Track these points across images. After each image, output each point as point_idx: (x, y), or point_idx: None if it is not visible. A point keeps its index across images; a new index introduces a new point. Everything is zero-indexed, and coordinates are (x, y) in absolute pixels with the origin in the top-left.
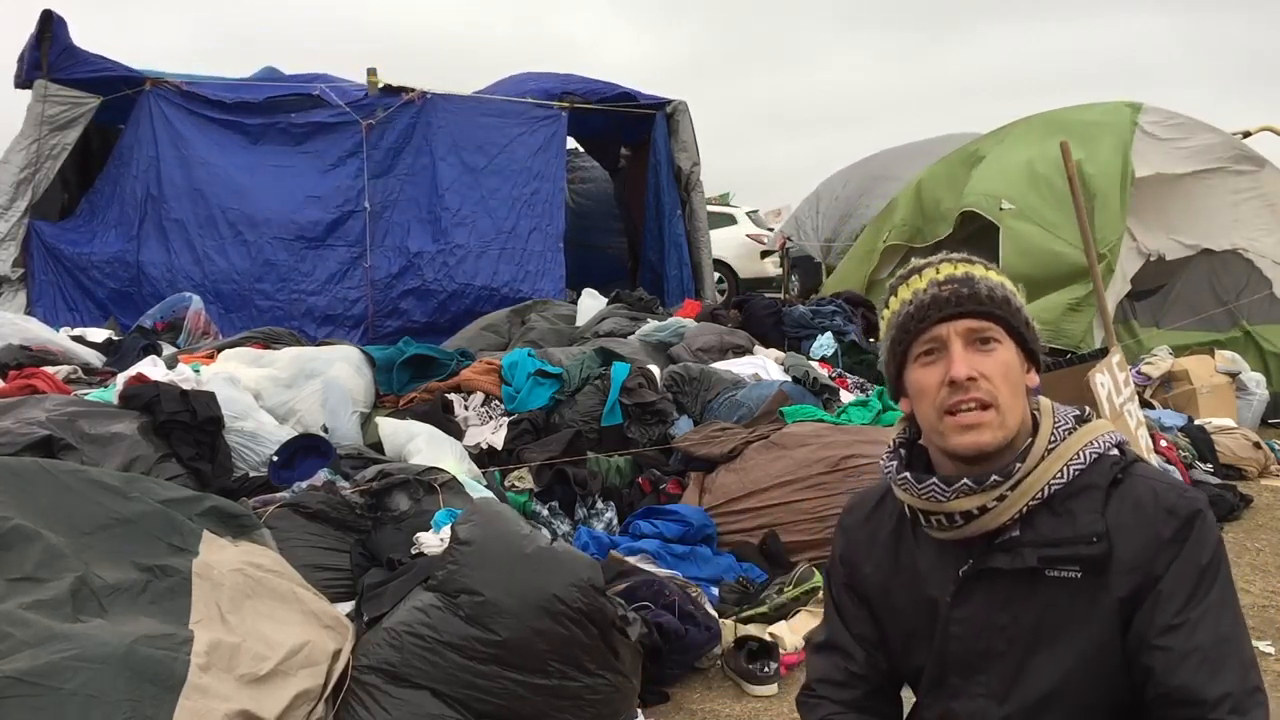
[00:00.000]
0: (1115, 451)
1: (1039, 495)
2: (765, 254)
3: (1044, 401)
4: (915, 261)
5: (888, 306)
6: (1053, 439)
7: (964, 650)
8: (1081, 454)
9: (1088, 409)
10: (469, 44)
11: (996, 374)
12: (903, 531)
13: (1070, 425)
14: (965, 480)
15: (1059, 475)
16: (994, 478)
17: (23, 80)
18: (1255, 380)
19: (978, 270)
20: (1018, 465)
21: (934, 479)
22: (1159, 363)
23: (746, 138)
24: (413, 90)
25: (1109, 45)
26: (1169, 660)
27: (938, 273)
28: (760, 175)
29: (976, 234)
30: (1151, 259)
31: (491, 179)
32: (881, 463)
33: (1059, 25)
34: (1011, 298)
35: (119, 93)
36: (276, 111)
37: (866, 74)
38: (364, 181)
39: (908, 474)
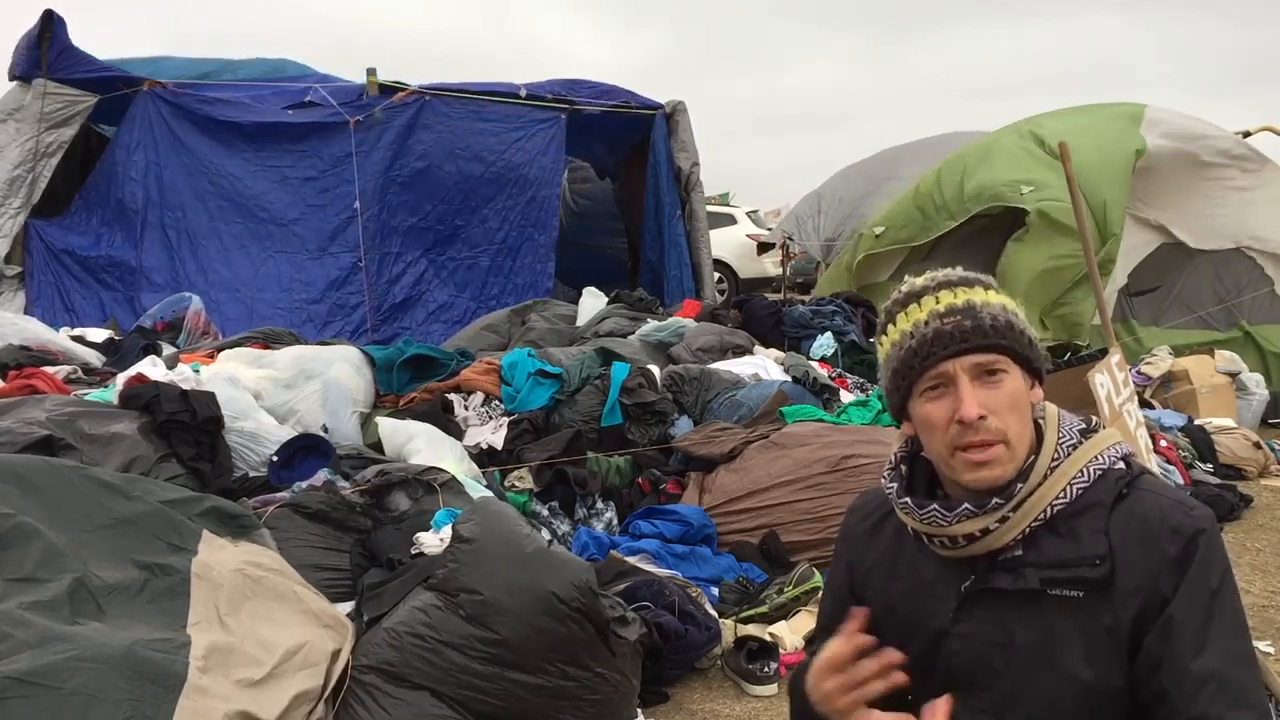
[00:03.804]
0: (1121, 465)
1: (1042, 515)
2: (763, 248)
3: (1050, 410)
4: (911, 282)
5: (885, 334)
6: (1056, 456)
7: (964, 665)
8: (1085, 471)
9: (1094, 419)
10: (443, 42)
11: (1005, 407)
12: (905, 539)
13: (1075, 440)
14: (966, 505)
15: (1062, 495)
16: (995, 500)
17: (17, 74)
18: (1255, 380)
19: (978, 295)
20: (1019, 486)
21: (934, 505)
22: (1159, 363)
23: (723, 138)
24: (406, 87)
25: (1094, 47)
26: (1185, 687)
27: (937, 302)
28: (738, 176)
29: (979, 231)
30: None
31: (487, 187)
32: (883, 482)
33: (1046, 27)
34: (1014, 320)
35: (117, 91)
36: (273, 110)
37: (848, 76)
38: (356, 182)
39: (908, 499)
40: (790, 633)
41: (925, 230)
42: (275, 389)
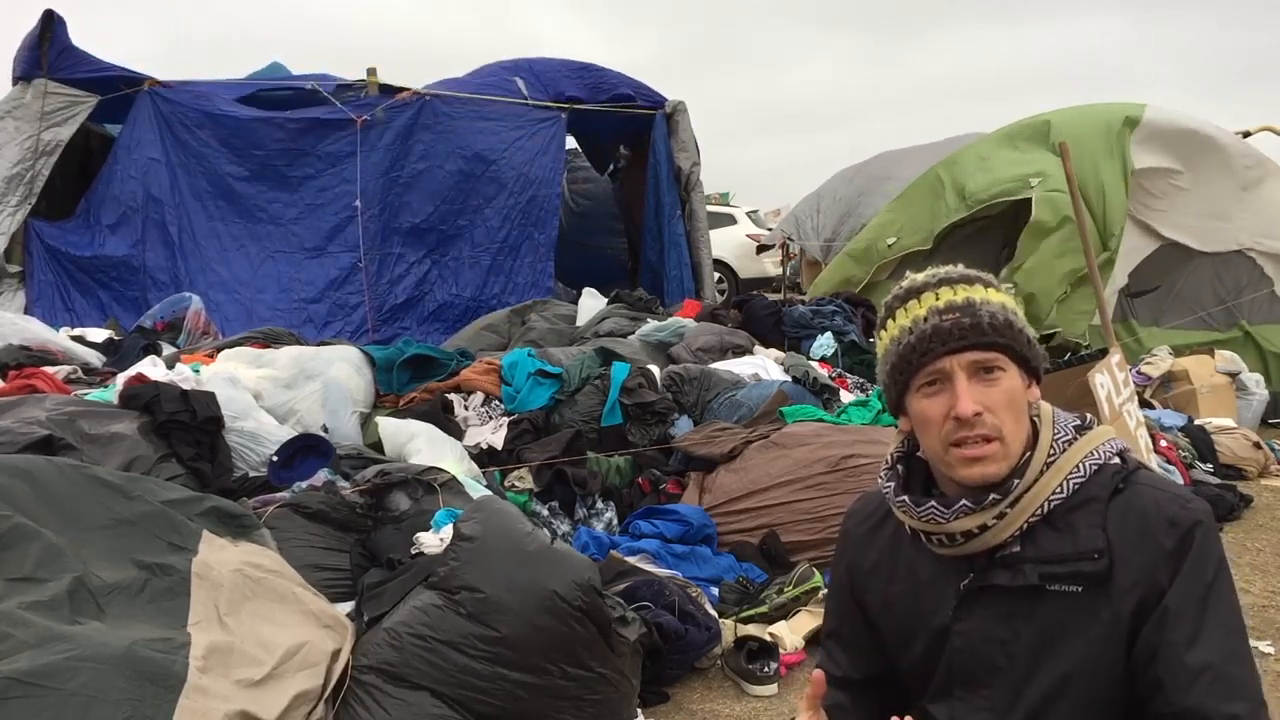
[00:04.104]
0: (1116, 460)
1: (1039, 511)
2: (761, 249)
3: (1044, 408)
4: (912, 278)
5: (884, 329)
6: (1052, 452)
7: (966, 663)
8: (1081, 466)
9: (1089, 416)
10: (443, 43)
11: (1001, 405)
12: (902, 541)
13: (1070, 436)
14: (964, 502)
15: (1058, 490)
16: (992, 496)
17: (18, 75)
18: (1255, 380)
19: (978, 293)
20: (1016, 482)
21: (932, 502)
22: (1159, 363)
23: (723, 138)
24: (408, 89)
25: (1094, 47)
26: (1179, 679)
27: (937, 299)
28: (738, 176)
29: (979, 231)
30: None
31: (488, 186)
32: (880, 481)
33: (1046, 27)
34: (1013, 319)
35: (118, 91)
36: (273, 108)
37: (848, 76)
38: (358, 181)
39: (905, 497)
40: (790, 633)
41: (931, 234)
42: (275, 389)
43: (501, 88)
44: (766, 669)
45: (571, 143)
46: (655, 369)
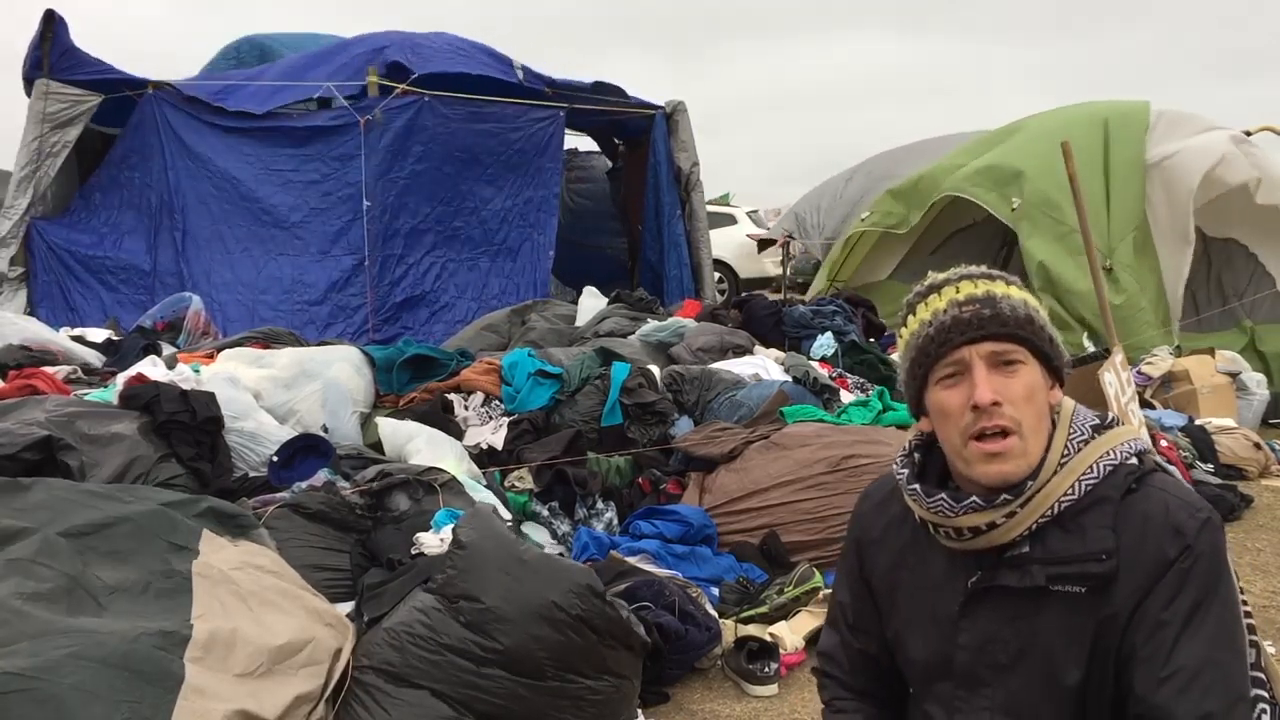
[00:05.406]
0: (1134, 460)
1: (1049, 512)
2: (763, 245)
3: (1066, 405)
4: (933, 277)
5: (905, 325)
6: (1066, 452)
7: (969, 662)
8: (1095, 467)
9: (1111, 415)
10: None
11: (1020, 397)
12: (916, 528)
13: (1086, 436)
14: (974, 498)
15: (1070, 491)
16: (1004, 495)
17: (26, 76)
18: (1256, 380)
19: (999, 288)
20: (1029, 482)
21: (943, 494)
22: (1159, 363)
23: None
24: (405, 86)
25: (1094, 48)
26: (1148, 679)
27: (957, 292)
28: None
29: (988, 231)
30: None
31: (486, 189)
32: (895, 466)
33: (1046, 26)
34: (1035, 315)
35: (120, 93)
36: (278, 116)
37: (849, 75)
38: (363, 182)
39: (917, 486)
40: (790, 633)
41: (907, 219)
42: (275, 389)
43: (498, 70)
44: (767, 669)
45: (570, 142)
46: (655, 369)
